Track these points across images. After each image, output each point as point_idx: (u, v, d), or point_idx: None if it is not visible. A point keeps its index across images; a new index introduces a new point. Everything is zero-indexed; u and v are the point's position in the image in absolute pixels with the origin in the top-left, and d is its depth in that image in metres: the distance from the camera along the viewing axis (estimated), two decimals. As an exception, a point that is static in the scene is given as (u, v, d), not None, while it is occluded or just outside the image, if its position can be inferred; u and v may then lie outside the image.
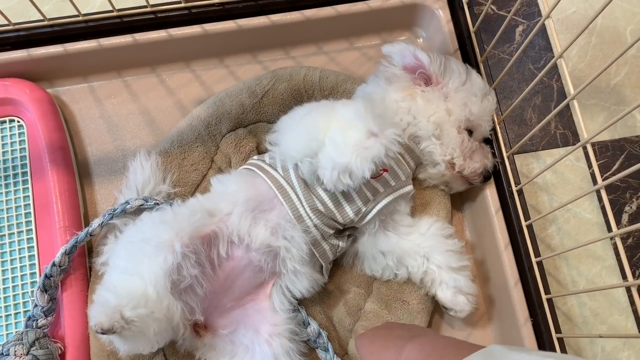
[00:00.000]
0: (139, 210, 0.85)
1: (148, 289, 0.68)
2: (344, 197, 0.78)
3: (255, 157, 0.87)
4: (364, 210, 0.79)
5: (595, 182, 1.02)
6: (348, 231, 0.84)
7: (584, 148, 1.03)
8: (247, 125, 0.94)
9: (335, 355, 0.82)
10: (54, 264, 0.80)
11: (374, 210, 0.80)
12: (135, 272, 0.70)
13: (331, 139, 0.71)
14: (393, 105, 0.84)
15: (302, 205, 0.77)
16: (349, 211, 0.79)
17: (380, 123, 0.70)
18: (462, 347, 0.57)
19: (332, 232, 0.80)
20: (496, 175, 0.90)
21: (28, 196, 0.89)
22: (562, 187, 1.02)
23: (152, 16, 0.96)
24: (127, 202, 0.83)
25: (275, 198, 0.78)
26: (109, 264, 0.78)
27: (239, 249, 0.77)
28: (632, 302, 0.96)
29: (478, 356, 0.51)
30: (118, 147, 0.97)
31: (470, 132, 0.86)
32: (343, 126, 0.71)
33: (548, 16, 0.70)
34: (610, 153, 1.04)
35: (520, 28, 1.13)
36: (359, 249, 0.87)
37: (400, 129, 0.73)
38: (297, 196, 0.77)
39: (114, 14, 0.94)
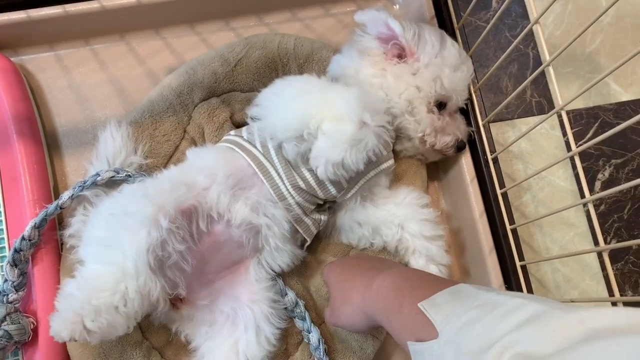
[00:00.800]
0: (110, 182, 0.83)
1: (127, 264, 0.67)
2: None
3: (233, 132, 0.85)
4: (346, 187, 0.79)
5: (569, 150, 1.03)
6: (328, 204, 0.84)
7: (559, 116, 1.03)
8: (220, 95, 0.92)
9: (312, 324, 0.82)
10: (23, 238, 0.78)
11: (356, 187, 0.80)
12: (115, 244, 0.68)
13: (324, 132, 0.69)
14: (367, 80, 0.83)
15: (284, 183, 0.76)
16: (332, 189, 0.78)
17: (371, 112, 0.70)
18: (435, 282, 0.58)
19: (313, 207, 0.80)
20: (471, 143, 0.90)
21: (-6, 169, 0.86)
22: (537, 156, 1.03)
23: (119, -19, 0.92)
24: (97, 174, 0.81)
25: (255, 176, 0.77)
26: (83, 235, 0.76)
27: (219, 224, 0.75)
28: (603, 268, 0.98)
29: (446, 294, 0.51)
30: (87, 118, 0.95)
31: (443, 104, 0.85)
32: (336, 117, 0.70)
33: (524, -19, 0.69)
34: (584, 121, 1.05)
35: (497, -5, 1.11)
36: (336, 221, 0.87)
37: (386, 115, 0.73)
38: (278, 174, 0.76)
39: (79, -22, 0.90)
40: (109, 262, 0.69)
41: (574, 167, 1.02)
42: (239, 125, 0.92)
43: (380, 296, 0.60)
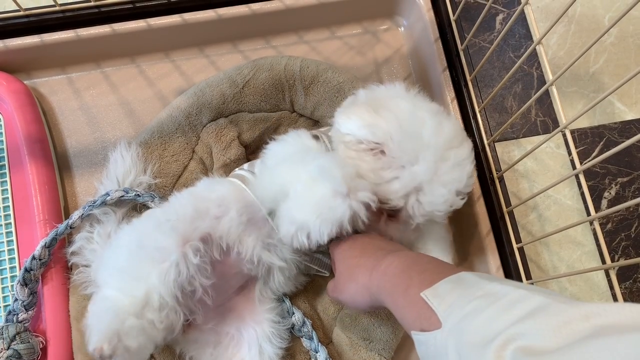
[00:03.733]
0: (119, 201, 0.84)
1: (152, 297, 0.65)
2: None
3: (246, 166, 0.82)
4: None
5: (574, 168, 1.03)
6: None
7: (564, 135, 1.04)
8: (228, 115, 0.93)
9: (319, 343, 0.82)
10: (33, 258, 0.79)
11: None
12: (141, 277, 0.66)
13: (295, 191, 0.66)
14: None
15: None
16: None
17: (350, 182, 0.63)
18: (443, 267, 0.56)
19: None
20: (478, 162, 0.91)
21: (6, 189, 0.88)
22: (543, 174, 1.03)
23: (130, 6, 0.95)
24: (107, 194, 0.83)
25: (267, 220, 0.75)
26: (103, 260, 0.75)
27: (230, 255, 0.74)
28: (611, 286, 0.98)
29: (448, 282, 0.51)
30: (98, 139, 0.96)
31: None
32: (309, 180, 0.65)
33: (527, 2, 0.70)
34: (589, 140, 1.05)
35: (500, 16, 1.13)
36: None
37: (372, 192, 0.65)
38: None
39: (92, 3, 0.93)
40: (130, 294, 0.66)
41: (579, 185, 1.02)
42: (246, 145, 0.93)
43: (387, 276, 0.59)
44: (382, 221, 0.72)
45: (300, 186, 0.65)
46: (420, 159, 0.66)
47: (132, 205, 0.87)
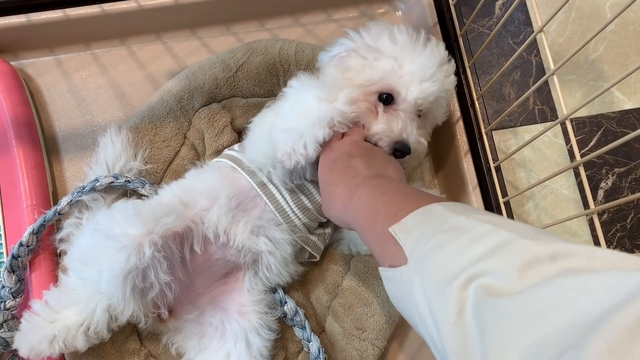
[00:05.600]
0: (109, 188, 0.82)
1: (101, 284, 0.68)
2: None
3: (236, 146, 0.83)
4: None
5: (572, 158, 1.02)
6: None
7: (562, 124, 1.03)
8: (220, 100, 0.91)
9: (312, 333, 0.82)
10: (21, 244, 0.78)
11: None
12: (93, 262, 0.69)
13: (281, 114, 0.69)
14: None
15: (288, 204, 0.75)
16: None
17: (329, 90, 0.68)
18: (409, 197, 0.54)
19: (317, 225, 0.79)
20: (474, 151, 0.89)
21: (-7, 174, 0.86)
22: (540, 163, 1.02)
23: (120, -15, 0.92)
24: (96, 180, 0.81)
25: (258, 197, 0.75)
26: (72, 245, 0.78)
27: (214, 245, 0.75)
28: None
29: (417, 216, 0.49)
30: (87, 123, 0.94)
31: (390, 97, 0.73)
32: (291, 101, 0.70)
33: (529, -11, 0.69)
34: (587, 129, 1.04)
35: (500, 1, 1.11)
36: (343, 236, 0.86)
37: (353, 90, 0.70)
38: (282, 195, 0.75)
39: (80, -18, 0.90)
40: (85, 278, 0.71)
41: (576, 175, 1.01)
42: (239, 131, 0.92)
43: (357, 211, 0.58)
44: (379, 114, 0.72)
45: (285, 108, 0.69)
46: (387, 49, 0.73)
47: (122, 191, 0.85)
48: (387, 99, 0.72)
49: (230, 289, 0.79)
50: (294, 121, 0.67)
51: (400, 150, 0.71)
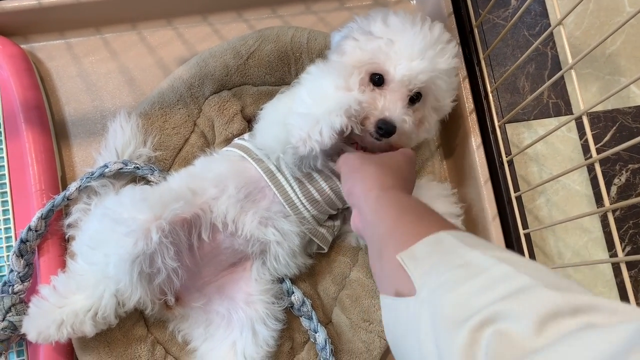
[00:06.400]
0: (117, 174, 0.82)
1: (109, 269, 0.68)
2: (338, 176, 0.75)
3: (246, 135, 0.83)
4: None
5: (586, 153, 1.01)
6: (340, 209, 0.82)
7: (577, 118, 1.01)
8: (231, 88, 0.90)
9: (319, 323, 0.81)
10: (29, 229, 0.78)
11: None
12: (101, 247, 0.70)
13: (298, 100, 0.69)
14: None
15: (297, 196, 0.75)
16: None
17: (347, 78, 0.68)
18: (420, 223, 0.52)
19: (326, 217, 0.79)
20: (486, 144, 0.88)
21: (2, 157, 0.85)
22: (552, 158, 1.01)
23: (132, -31, 0.91)
24: (105, 166, 0.80)
25: (267, 187, 0.75)
26: (81, 230, 0.78)
27: (223, 234, 0.74)
28: (617, 274, 0.96)
29: (426, 245, 0.47)
30: (97, 108, 0.94)
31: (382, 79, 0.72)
32: (309, 87, 0.70)
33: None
34: (602, 124, 1.03)
35: (516, -8, 1.09)
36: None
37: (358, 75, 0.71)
38: (291, 187, 0.75)
39: (92, -35, 0.89)
40: (93, 263, 0.72)
41: (589, 170, 1.00)
42: (249, 119, 0.91)
43: (368, 230, 0.57)
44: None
45: (303, 93, 0.69)
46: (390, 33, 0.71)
47: (130, 178, 0.85)
48: (378, 80, 0.71)
49: (238, 277, 0.79)
50: (311, 107, 0.66)
51: (382, 128, 0.69)
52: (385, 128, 0.69)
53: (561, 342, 0.31)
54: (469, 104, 0.89)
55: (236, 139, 0.84)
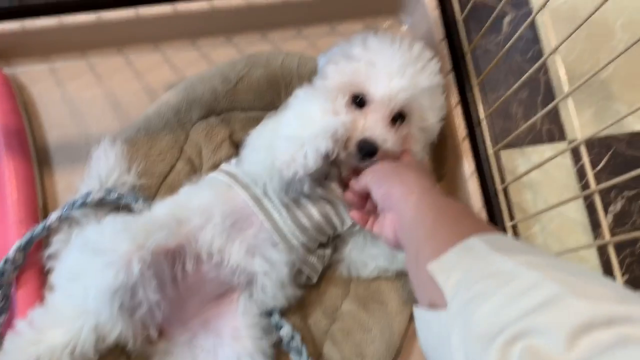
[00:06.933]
0: (100, 203, 0.79)
1: (88, 302, 0.66)
2: (330, 204, 0.74)
3: (234, 161, 0.81)
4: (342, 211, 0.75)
5: (581, 179, 0.99)
6: (330, 237, 0.80)
7: (574, 147, 1.00)
8: (219, 113, 0.88)
9: (309, 358, 0.78)
10: (6, 260, 0.74)
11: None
12: (80, 279, 0.67)
13: (284, 122, 0.69)
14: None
15: (286, 224, 0.73)
16: (336, 221, 0.75)
17: (333, 101, 0.68)
18: (451, 228, 0.53)
19: (317, 245, 0.77)
20: (480, 172, 0.86)
21: (-20, 185, 0.82)
22: (547, 185, 0.99)
23: (118, -8, 0.89)
24: (88, 194, 0.78)
25: (254, 215, 0.73)
26: (59, 261, 0.75)
27: (207, 264, 0.72)
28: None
29: (456, 253, 0.47)
30: (81, 133, 0.91)
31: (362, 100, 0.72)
32: (296, 110, 0.70)
33: (541, 8, 0.66)
34: (596, 150, 1.01)
35: (507, 18, 1.08)
36: (343, 258, 0.83)
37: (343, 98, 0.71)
38: (280, 214, 0.73)
39: (77, -12, 0.87)
40: (71, 295, 0.69)
41: (585, 198, 0.98)
42: (237, 145, 0.89)
43: (406, 231, 0.58)
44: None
45: (291, 116, 0.69)
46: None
47: (114, 206, 0.82)
48: (360, 101, 0.71)
49: (224, 311, 0.76)
50: (297, 130, 0.66)
51: (364, 148, 0.68)
52: (367, 148, 0.68)
53: (595, 358, 0.30)
54: (461, 130, 0.87)
55: (223, 164, 0.82)
